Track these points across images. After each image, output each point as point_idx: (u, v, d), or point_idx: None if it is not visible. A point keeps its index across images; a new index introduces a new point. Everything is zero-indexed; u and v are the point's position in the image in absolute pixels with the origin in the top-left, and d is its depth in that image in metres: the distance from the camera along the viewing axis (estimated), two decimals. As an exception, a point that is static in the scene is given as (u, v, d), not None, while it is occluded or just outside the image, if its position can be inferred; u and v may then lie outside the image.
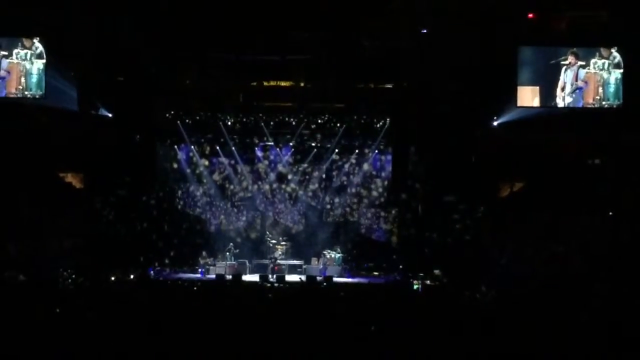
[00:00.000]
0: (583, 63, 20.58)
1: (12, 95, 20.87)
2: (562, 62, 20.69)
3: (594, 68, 20.56)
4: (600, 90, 20.52)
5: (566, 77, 20.70)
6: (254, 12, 20.96)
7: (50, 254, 20.54)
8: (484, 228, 22.39)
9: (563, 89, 20.75)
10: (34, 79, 20.75)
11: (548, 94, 20.86)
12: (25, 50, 20.68)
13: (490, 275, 19.14)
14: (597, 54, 20.54)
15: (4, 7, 20.43)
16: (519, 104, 21.04)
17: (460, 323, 10.71)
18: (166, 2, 20.95)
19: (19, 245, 20.58)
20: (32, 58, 20.69)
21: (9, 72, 20.74)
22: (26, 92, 20.82)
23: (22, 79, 20.73)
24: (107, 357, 9.23)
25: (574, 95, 20.68)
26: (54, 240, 21.17)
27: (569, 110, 20.94)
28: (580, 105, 20.77)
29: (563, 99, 20.79)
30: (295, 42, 21.96)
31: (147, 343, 9.51)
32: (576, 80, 20.63)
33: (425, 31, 21.52)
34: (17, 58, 20.71)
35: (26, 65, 20.71)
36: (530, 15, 21.13)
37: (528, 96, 20.98)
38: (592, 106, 20.71)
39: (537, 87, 20.91)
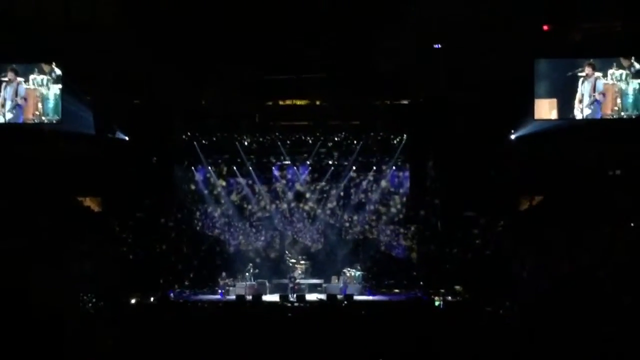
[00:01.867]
0: (600, 74, 20.42)
1: (29, 122, 20.94)
2: (579, 74, 20.54)
3: (612, 79, 20.40)
4: (619, 100, 20.33)
5: (584, 89, 20.53)
6: (269, 32, 21.02)
7: (70, 278, 20.53)
8: (504, 242, 22.21)
9: (581, 101, 20.57)
10: (51, 104, 20.80)
11: (566, 106, 20.69)
12: (42, 76, 20.77)
13: (512, 289, 18.98)
14: (616, 64, 20.38)
15: (22, 33, 20.59)
16: (537, 116, 20.89)
17: (484, 338, 10.63)
18: (181, 23, 21.02)
19: (39, 269, 20.58)
20: (49, 83, 20.76)
21: (25, 99, 20.82)
22: (43, 118, 20.87)
23: (39, 105, 20.79)
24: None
25: (592, 107, 20.51)
26: (74, 265, 21.16)
27: (587, 121, 20.78)
28: (599, 116, 20.57)
29: (581, 111, 20.61)
30: (309, 61, 21.97)
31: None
32: (594, 92, 20.46)
33: (439, 46, 21.48)
34: (33, 84, 20.79)
35: (43, 91, 20.77)
36: (545, 28, 21.04)
37: (546, 109, 20.82)
38: (611, 117, 20.53)
39: (555, 100, 20.75)
